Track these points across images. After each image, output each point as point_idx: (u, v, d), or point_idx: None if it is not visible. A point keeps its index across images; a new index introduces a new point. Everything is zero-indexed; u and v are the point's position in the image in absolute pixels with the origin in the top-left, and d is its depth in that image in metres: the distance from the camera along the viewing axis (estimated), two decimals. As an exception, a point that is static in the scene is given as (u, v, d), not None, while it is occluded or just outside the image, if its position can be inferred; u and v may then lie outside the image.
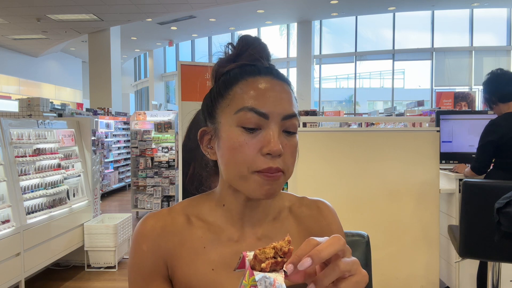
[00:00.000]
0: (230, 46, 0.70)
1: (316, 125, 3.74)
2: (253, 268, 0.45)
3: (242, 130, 0.62)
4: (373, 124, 4.57)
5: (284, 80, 0.67)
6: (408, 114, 5.30)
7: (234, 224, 0.71)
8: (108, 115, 8.28)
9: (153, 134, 6.01)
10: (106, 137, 7.84)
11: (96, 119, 7.03)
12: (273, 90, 0.64)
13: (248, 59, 0.68)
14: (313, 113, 5.69)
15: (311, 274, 0.48)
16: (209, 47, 15.35)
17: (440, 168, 2.51)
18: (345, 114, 9.45)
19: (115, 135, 8.40)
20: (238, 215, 0.70)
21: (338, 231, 0.77)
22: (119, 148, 8.57)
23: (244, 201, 0.69)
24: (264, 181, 0.62)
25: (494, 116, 2.44)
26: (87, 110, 7.86)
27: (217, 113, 0.67)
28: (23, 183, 3.18)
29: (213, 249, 0.69)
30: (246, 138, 0.62)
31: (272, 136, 0.61)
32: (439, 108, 4.59)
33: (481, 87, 2.51)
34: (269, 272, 0.44)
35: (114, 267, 3.71)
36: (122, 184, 8.53)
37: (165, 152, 5.96)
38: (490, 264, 2.15)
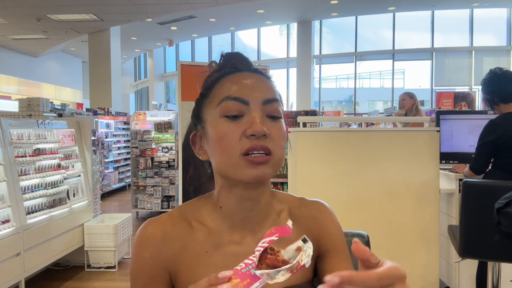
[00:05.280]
0: (213, 64, 0.75)
1: (316, 125, 3.74)
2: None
3: (225, 119, 0.65)
4: (373, 124, 4.57)
5: (264, 75, 0.71)
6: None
7: (233, 227, 0.70)
8: (108, 115, 8.28)
9: (153, 134, 6.01)
10: (106, 137, 7.84)
11: (96, 119, 7.03)
12: (251, 79, 0.68)
13: (231, 68, 0.72)
14: (313, 113, 5.68)
15: None
16: (209, 47, 15.35)
17: (440, 168, 2.51)
18: (345, 114, 9.45)
19: (115, 135, 8.39)
20: (237, 217, 0.70)
21: (338, 231, 0.77)
22: (119, 148, 8.57)
23: (238, 200, 0.69)
24: (251, 164, 0.62)
25: (494, 116, 2.44)
26: (87, 110, 7.86)
27: (203, 112, 0.70)
28: (23, 183, 3.18)
29: (215, 253, 0.69)
30: (230, 125, 0.64)
31: (255, 118, 0.63)
32: (439, 108, 4.59)
33: (481, 88, 2.51)
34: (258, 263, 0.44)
35: (114, 267, 3.71)
36: (122, 184, 8.52)
37: (165, 152, 5.96)
38: (490, 264, 2.15)
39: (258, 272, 0.42)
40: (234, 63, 0.72)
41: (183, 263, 0.69)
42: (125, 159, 8.61)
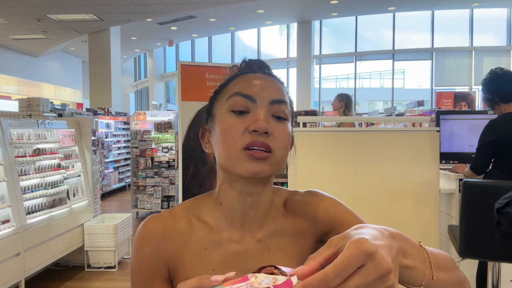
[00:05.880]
0: (234, 67, 0.77)
1: (316, 125, 3.74)
2: None
3: (232, 114, 0.66)
4: (373, 124, 4.57)
5: (276, 78, 0.72)
6: (408, 114, 5.30)
7: (233, 224, 0.71)
8: (108, 115, 8.28)
9: (153, 134, 6.01)
10: (106, 137, 7.84)
11: (96, 119, 7.03)
12: (262, 80, 0.70)
13: (247, 70, 0.74)
14: (313, 113, 5.69)
15: None
16: (209, 47, 15.34)
17: (440, 168, 2.51)
18: (345, 114, 9.43)
19: (115, 135, 8.40)
20: (236, 213, 0.70)
21: (335, 205, 0.77)
22: (119, 148, 8.57)
23: (238, 196, 0.69)
24: (250, 159, 0.63)
25: (494, 116, 2.44)
26: (87, 110, 7.86)
27: (214, 107, 0.72)
28: (23, 183, 3.18)
29: (214, 250, 0.70)
30: (235, 120, 0.66)
31: (259, 115, 0.65)
32: (439, 108, 4.59)
33: (481, 87, 2.51)
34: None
35: (114, 267, 3.71)
36: (122, 184, 8.52)
37: (165, 152, 5.96)
38: (490, 264, 2.15)
39: (249, 274, 0.41)
40: (252, 67, 0.74)
41: (182, 259, 0.70)
42: (125, 159, 8.61)
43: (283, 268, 0.43)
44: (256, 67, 0.73)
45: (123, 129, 8.80)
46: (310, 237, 0.74)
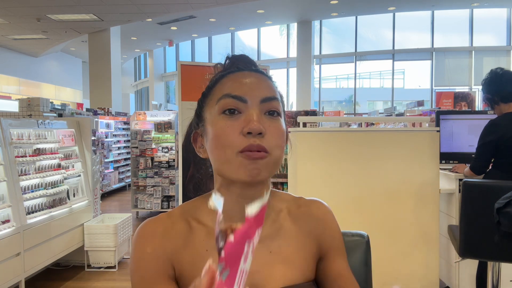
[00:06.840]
0: (218, 65, 0.75)
1: (316, 125, 3.74)
2: None
3: (223, 116, 0.65)
4: (373, 124, 4.57)
5: (265, 74, 0.71)
6: (408, 114, 5.30)
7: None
8: (108, 115, 8.28)
9: (153, 134, 6.01)
10: (106, 137, 7.84)
11: (96, 119, 7.03)
12: (250, 78, 0.68)
13: (233, 68, 0.72)
14: (313, 113, 5.68)
15: None
16: (209, 47, 15.35)
17: (440, 168, 2.51)
18: (345, 114, 9.44)
19: (115, 135, 8.40)
20: (235, 216, 0.70)
21: (337, 230, 0.77)
22: (119, 148, 8.57)
23: (236, 199, 0.69)
24: (247, 162, 0.62)
25: (494, 116, 2.44)
26: (87, 110, 7.86)
27: (204, 111, 0.71)
28: (23, 183, 3.18)
29: (214, 251, 0.69)
30: (227, 122, 0.64)
31: (252, 116, 0.63)
32: (439, 108, 4.59)
33: (481, 87, 2.51)
34: None
35: (114, 267, 3.71)
36: (122, 184, 8.52)
37: (165, 152, 5.96)
38: (490, 264, 2.15)
39: None
40: (237, 64, 0.72)
41: (184, 260, 0.69)
42: (125, 159, 8.61)
43: None
44: (242, 65, 0.72)
45: (123, 129, 8.81)
46: (311, 246, 0.74)
